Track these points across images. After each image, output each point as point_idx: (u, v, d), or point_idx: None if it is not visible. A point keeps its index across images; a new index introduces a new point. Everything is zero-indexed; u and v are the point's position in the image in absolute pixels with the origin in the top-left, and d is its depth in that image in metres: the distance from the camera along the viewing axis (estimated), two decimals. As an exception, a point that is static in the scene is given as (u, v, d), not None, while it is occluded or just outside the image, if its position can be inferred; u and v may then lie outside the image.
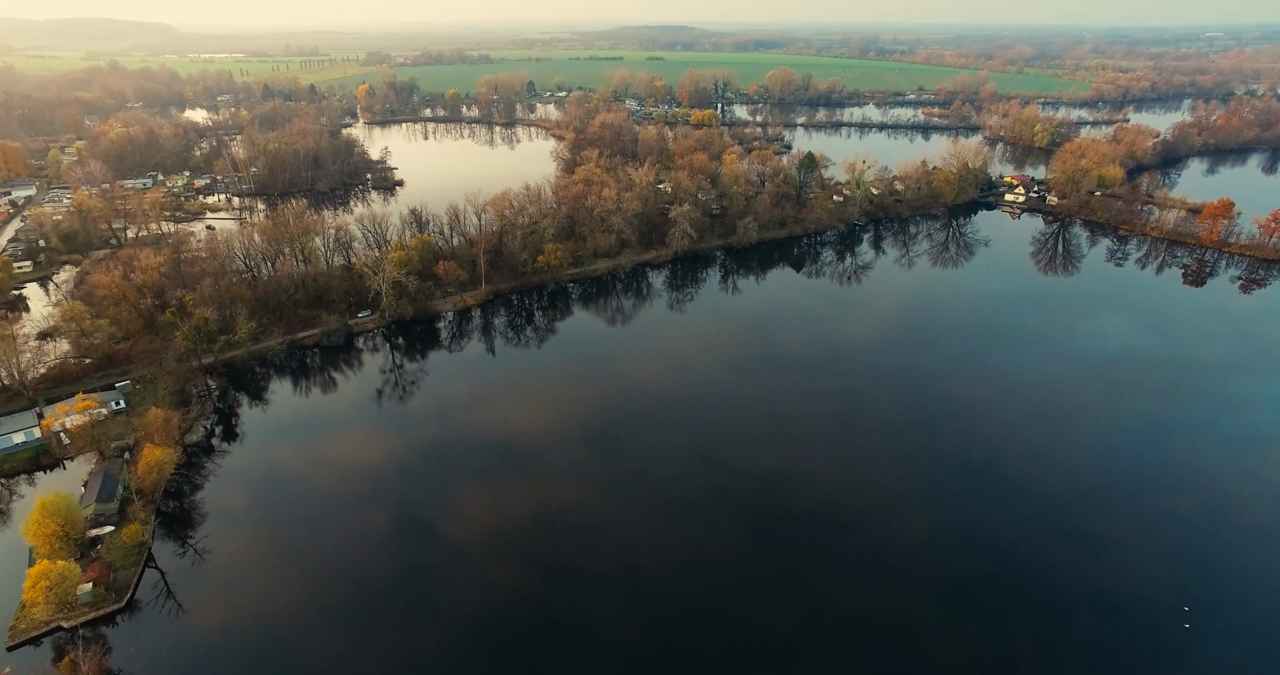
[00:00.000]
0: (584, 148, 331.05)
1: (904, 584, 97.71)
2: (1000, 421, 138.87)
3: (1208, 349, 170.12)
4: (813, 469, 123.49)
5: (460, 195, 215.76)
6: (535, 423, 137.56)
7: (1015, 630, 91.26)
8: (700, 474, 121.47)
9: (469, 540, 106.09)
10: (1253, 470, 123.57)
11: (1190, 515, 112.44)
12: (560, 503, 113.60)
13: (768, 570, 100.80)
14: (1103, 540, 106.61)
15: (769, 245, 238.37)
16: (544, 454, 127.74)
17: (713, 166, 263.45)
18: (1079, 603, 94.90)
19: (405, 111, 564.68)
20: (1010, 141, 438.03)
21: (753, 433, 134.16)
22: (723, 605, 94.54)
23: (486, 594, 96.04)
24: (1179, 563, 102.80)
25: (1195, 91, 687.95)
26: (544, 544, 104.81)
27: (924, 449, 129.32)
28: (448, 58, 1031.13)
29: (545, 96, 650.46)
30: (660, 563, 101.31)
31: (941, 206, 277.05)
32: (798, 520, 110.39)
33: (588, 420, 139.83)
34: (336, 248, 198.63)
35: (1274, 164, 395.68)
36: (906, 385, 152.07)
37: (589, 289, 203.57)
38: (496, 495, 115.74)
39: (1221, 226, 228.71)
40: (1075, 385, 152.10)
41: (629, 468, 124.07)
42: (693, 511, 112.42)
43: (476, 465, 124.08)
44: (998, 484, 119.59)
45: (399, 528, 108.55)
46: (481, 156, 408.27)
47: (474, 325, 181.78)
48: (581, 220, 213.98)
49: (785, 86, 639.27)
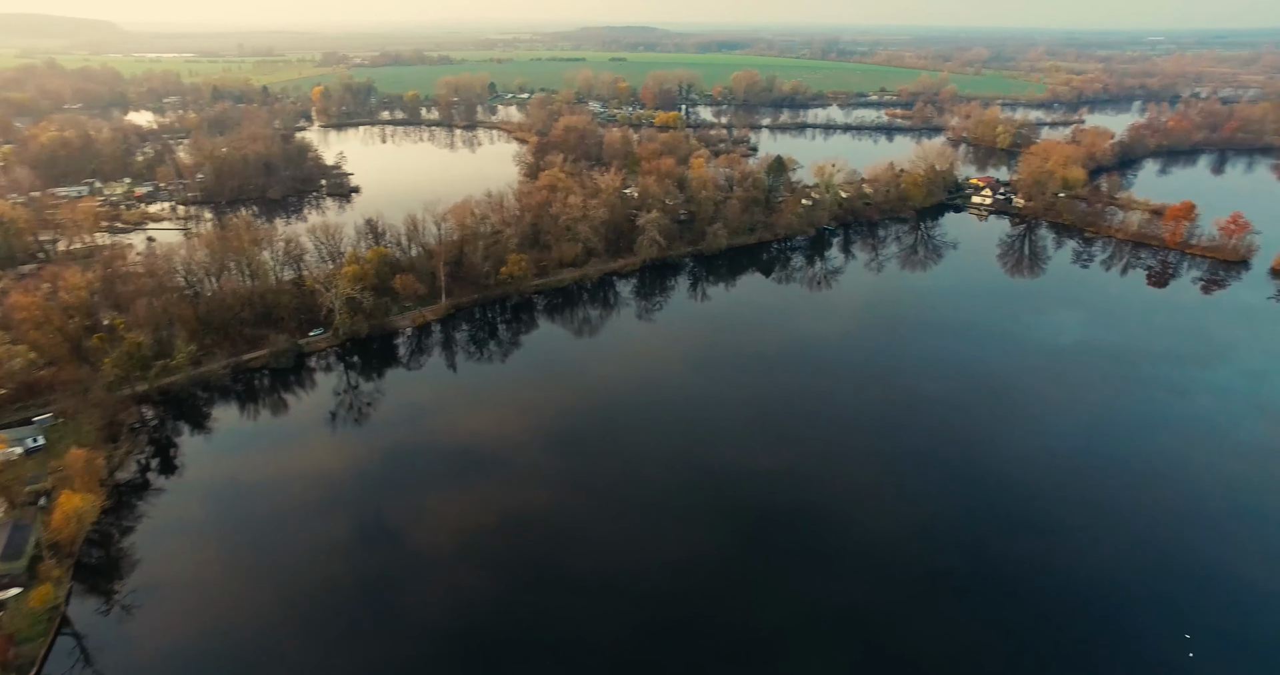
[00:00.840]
0: (547, 151, 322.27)
1: (877, 579, 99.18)
2: (966, 417, 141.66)
3: (1163, 344, 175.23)
4: (785, 467, 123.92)
5: (419, 203, 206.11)
6: (502, 428, 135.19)
7: (986, 621, 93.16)
8: (672, 474, 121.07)
9: (437, 547, 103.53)
10: (1198, 458, 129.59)
11: (1145, 502, 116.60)
12: (530, 506, 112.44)
13: (742, 569, 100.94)
14: (1065, 530, 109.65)
15: (738, 251, 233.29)
16: (512, 458, 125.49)
17: (680, 171, 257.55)
18: (1044, 592, 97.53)
19: (362, 114, 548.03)
20: (973, 142, 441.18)
21: (723, 433, 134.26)
22: (697, 605, 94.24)
23: (456, 600, 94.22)
24: (1135, 549, 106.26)
25: (1145, 94, 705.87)
26: (514, 548, 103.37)
27: (892, 445, 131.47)
28: (407, 58, 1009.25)
29: (507, 98, 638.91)
30: (633, 564, 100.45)
31: (910, 209, 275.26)
32: (771, 518, 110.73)
33: (556, 424, 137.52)
34: (287, 261, 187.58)
35: (1222, 165, 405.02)
36: (874, 383, 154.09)
37: (555, 300, 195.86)
38: (464, 501, 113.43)
39: (1184, 228, 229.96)
40: (1037, 380, 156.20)
41: (599, 469, 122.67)
42: (665, 512, 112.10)
43: (442, 472, 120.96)
44: (964, 478, 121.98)
45: (361, 547, 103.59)
46: (441, 161, 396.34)
47: (434, 340, 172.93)
48: (546, 228, 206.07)
49: (750, 88, 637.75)
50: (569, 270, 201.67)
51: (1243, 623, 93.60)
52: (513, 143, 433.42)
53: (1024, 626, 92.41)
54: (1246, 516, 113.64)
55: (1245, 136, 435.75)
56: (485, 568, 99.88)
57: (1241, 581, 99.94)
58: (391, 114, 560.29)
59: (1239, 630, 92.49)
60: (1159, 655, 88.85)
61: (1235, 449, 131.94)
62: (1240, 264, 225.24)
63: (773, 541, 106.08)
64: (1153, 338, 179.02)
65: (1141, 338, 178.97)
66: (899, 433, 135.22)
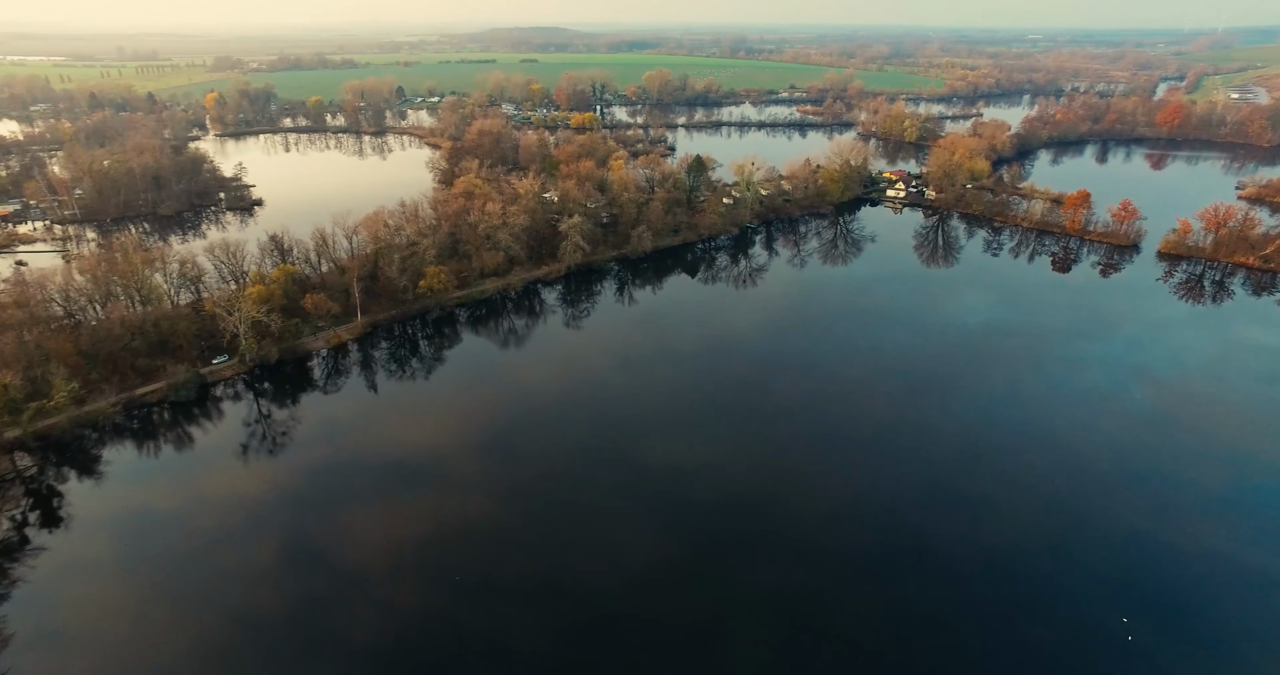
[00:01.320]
0: (462, 157, 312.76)
1: (810, 562, 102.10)
2: (886, 400, 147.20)
3: (1063, 322, 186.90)
4: (714, 459, 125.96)
5: (328, 215, 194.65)
6: (429, 440, 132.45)
7: (915, 595, 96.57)
8: (604, 473, 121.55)
9: (367, 564, 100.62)
10: (1094, 424, 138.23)
11: (1051, 468, 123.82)
12: (461, 515, 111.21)
13: (678, 562, 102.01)
14: (982, 501, 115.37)
15: (664, 253, 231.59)
16: (441, 469, 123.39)
17: (600, 173, 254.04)
18: (968, 561, 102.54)
19: (262, 122, 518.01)
20: (882, 137, 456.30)
21: (653, 428, 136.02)
22: (636, 601, 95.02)
23: (389, 618, 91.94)
24: (1047, 514, 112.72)
25: (1032, 88, 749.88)
26: (448, 559, 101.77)
27: (816, 429, 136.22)
28: (307, 63, 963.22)
29: (417, 102, 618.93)
30: (570, 565, 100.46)
31: (829, 205, 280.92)
32: (703, 510, 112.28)
33: (485, 433, 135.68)
34: (183, 284, 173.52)
35: (1104, 154, 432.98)
36: (800, 373, 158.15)
37: (478, 312, 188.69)
38: (393, 515, 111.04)
39: (1082, 215, 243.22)
40: (951, 362, 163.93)
41: (531, 472, 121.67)
42: (599, 510, 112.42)
43: (370, 488, 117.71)
44: (885, 457, 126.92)
45: (287, 572, 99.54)
46: (350, 169, 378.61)
47: (352, 361, 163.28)
48: (465, 238, 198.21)
49: (663, 87, 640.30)
50: (491, 280, 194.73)
51: (1141, 574, 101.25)
52: (425, 148, 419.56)
53: (951, 595, 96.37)
54: (1135, 476, 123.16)
55: (1122, 128, 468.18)
56: (418, 581, 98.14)
57: (1138, 535, 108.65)
58: (294, 121, 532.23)
59: (1140, 580, 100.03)
60: (1075, 610, 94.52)
61: (1123, 413, 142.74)
62: (1132, 248, 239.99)
63: (706, 533, 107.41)
64: (1053, 317, 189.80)
65: (1044, 318, 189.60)
66: (823, 418, 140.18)
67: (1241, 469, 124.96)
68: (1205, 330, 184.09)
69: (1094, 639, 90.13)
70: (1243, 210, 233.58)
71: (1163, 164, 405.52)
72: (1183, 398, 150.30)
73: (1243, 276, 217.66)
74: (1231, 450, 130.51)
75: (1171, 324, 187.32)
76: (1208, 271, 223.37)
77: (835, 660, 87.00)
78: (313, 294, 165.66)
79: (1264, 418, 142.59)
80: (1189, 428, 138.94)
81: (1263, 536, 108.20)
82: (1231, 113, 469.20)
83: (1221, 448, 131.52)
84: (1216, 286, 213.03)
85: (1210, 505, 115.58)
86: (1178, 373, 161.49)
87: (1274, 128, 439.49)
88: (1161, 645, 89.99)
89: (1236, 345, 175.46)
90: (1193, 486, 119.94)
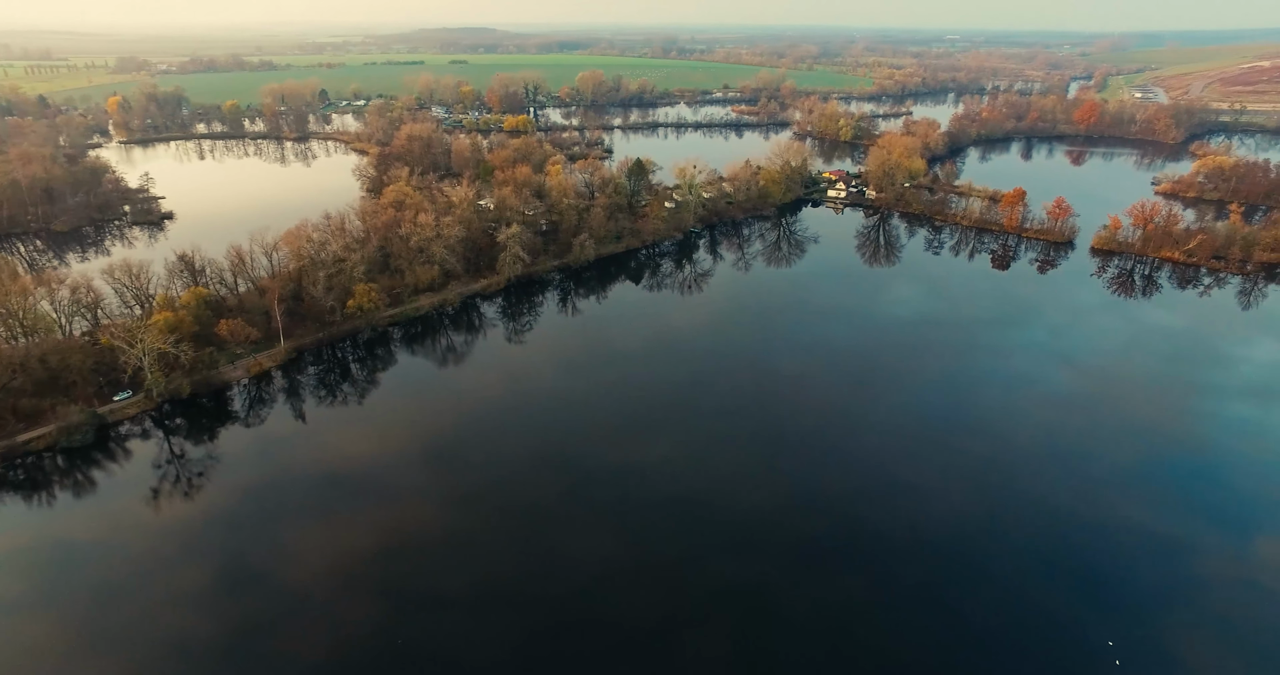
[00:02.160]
0: (391, 164, 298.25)
1: (757, 555, 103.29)
2: (824, 391, 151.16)
3: (995, 314, 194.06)
4: (660, 457, 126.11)
5: (245, 231, 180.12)
6: (369, 451, 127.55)
7: (860, 581, 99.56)
8: (550, 476, 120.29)
9: (310, 583, 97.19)
10: (1021, 408, 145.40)
11: (983, 453, 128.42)
12: (406, 527, 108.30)
13: (627, 562, 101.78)
14: (919, 488, 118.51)
15: (607, 261, 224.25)
16: (383, 479, 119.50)
17: (538, 179, 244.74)
18: (907, 547, 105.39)
19: (173, 127, 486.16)
20: (818, 136, 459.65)
21: (599, 429, 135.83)
22: (584, 605, 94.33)
23: (336, 636, 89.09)
24: (981, 497, 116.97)
25: (956, 87, 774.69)
26: (393, 572, 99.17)
27: (757, 424, 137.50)
28: (223, 64, 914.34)
29: (342, 106, 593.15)
30: (519, 570, 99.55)
31: (771, 206, 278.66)
32: (651, 508, 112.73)
33: (427, 441, 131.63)
34: (77, 311, 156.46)
35: (1029, 150, 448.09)
36: (738, 368, 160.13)
37: (413, 330, 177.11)
38: (336, 531, 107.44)
39: (1019, 213, 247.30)
40: (887, 354, 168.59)
41: (476, 479, 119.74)
42: (547, 514, 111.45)
43: (311, 505, 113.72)
44: (824, 449, 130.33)
45: (225, 597, 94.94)
46: (271, 178, 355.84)
47: (276, 389, 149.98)
48: (396, 252, 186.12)
49: (597, 88, 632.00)
50: (426, 296, 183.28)
51: (1066, 548, 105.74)
52: (351, 154, 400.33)
53: (892, 579, 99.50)
54: (1062, 457, 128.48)
55: (1044, 125, 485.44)
56: (364, 596, 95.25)
57: (1061, 512, 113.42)
58: (209, 126, 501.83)
59: (1064, 555, 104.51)
60: (1007, 586, 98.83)
61: (1047, 398, 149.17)
62: (1067, 244, 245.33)
63: (657, 532, 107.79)
64: (986, 310, 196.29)
65: (976, 311, 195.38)
66: (765, 413, 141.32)
67: (1151, 443, 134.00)
68: (1126, 318, 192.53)
69: (1025, 613, 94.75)
70: (1166, 207, 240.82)
71: (1083, 160, 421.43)
72: (1100, 379, 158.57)
73: (1169, 270, 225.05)
74: (1142, 426, 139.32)
75: (1096, 310, 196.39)
76: (1137, 266, 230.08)
77: (788, 649, 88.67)
78: (229, 319, 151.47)
79: (1169, 395, 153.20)
80: (1107, 408, 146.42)
81: (1169, 506, 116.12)
82: (1140, 111, 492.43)
83: (1134, 424, 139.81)
84: (1145, 281, 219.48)
85: (1124, 479, 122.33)
86: (1097, 357, 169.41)
87: (1178, 126, 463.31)
88: (1085, 615, 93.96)
89: (1151, 329, 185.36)
90: (1109, 462, 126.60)
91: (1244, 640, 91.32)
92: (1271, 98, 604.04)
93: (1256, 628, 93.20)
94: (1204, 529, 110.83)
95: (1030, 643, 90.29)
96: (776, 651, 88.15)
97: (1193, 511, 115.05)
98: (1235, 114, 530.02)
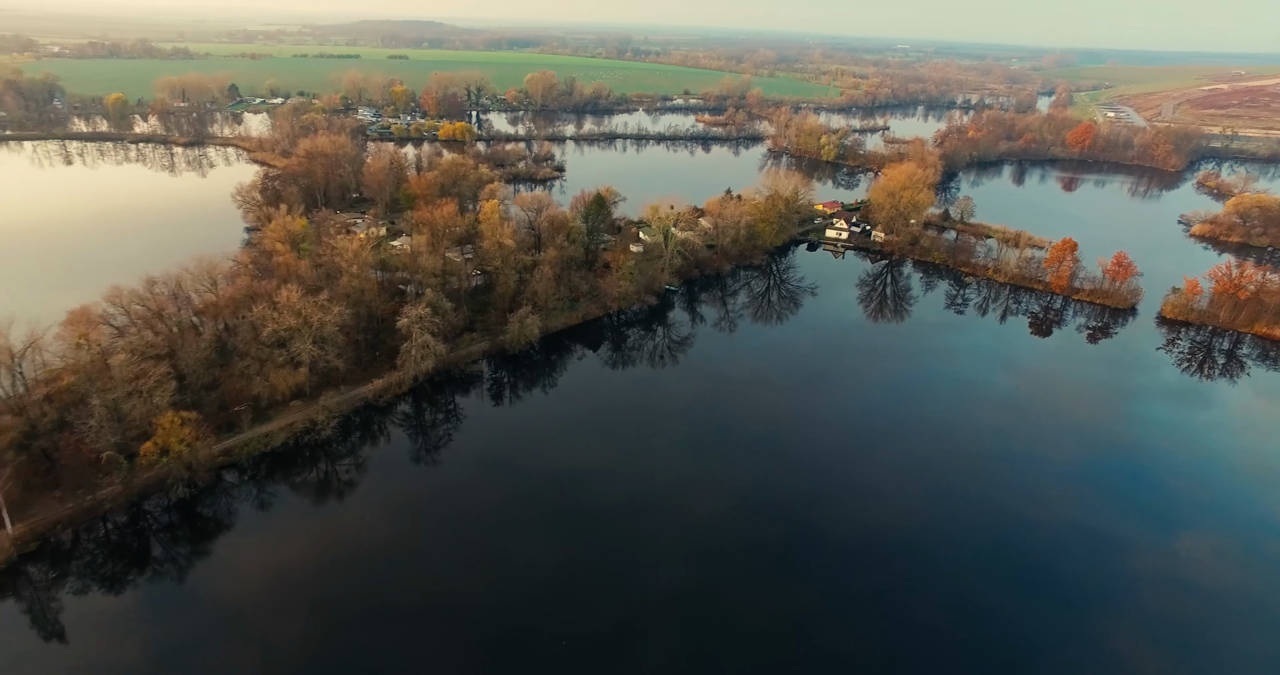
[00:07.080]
0: (288, 183, 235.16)
1: (707, 559, 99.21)
2: (775, 394, 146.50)
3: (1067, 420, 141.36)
4: (606, 461, 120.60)
5: (44, 290, 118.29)
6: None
7: (812, 584, 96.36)
8: (493, 483, 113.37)
9: (241, 597, 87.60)
10: (964, 409, 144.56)
11: (929, 452, 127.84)
12: (342, 539, 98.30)
13: (576, 569, 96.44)
14: (869, 488, 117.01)
15: (557, 337, 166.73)
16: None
17: (466, 220, 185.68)
18: (861, 549, 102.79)
19: (40, 123, 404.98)
20: (795, 154, 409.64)
21: (544, 433, 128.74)
22: (536, 613, 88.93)
23: (268, 655, 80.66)
24: (928, 495, 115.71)
25: (927, 99, 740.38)
26: (332, 587, 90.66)
27: (708, 428, 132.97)
28: (128, 50, 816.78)
29: (255, 103, 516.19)
30: (464, 582, 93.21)
31: (761, 252, 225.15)
32: (597, 514, 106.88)
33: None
34: None
35: (1022, 175, 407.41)
36: (687, 370, 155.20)
37: (259, 472, 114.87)
38: (268, 541, 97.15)
39: (1069, 269, 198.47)
40: (842, 360, 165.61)
41: (418, 488, 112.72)
42: (491, 522, 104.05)
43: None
44: (776, 452, 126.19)
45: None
46: (135, 201, 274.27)
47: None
48: (243, 347, 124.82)
49: (548, 91, 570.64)
50: (282, 418, 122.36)
51: (1008, 546, 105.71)
52: (254, 165, 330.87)
53: (844, 581, 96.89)
54: (1007, 458, 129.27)
55: (1037, 148, 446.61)
56: (303, 612, 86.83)
57: (1005, 511, 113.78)
58: (90, 124, 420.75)
59: (1007, 552, 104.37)
60: (953, 584, 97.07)
61: (992, 401, 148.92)
62: (1129, 311, 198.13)
63: (606, 538, 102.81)
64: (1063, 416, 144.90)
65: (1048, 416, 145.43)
66: (714, 417, 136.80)
67: (1086, 444, 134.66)
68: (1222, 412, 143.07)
69: (971, 609, 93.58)
70: (1258, 271, 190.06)
71: (1086, 188, 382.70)
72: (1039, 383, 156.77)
73: (1250, 346, 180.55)
74: (1079, 428, 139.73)
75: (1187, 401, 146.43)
76: (1214, 340, 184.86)
77: (740, 654, 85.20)
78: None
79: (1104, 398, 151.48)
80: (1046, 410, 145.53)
81: (1104, 504, 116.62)
82: (1137, 135, 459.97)
83: (1071, 426, 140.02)
84: (1228, 359, 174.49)
85: (1063, 479, 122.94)
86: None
87: (1178, 153, 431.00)
88: (1025, 610, 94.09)
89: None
90: (1048, 463, 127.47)
91: (1170, 632, 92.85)
92: (1265, 122, 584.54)
93: (1178, 620, 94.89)
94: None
95: (978, 639, 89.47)
96: (728, 660, 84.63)
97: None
98: (1226, 140, 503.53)
